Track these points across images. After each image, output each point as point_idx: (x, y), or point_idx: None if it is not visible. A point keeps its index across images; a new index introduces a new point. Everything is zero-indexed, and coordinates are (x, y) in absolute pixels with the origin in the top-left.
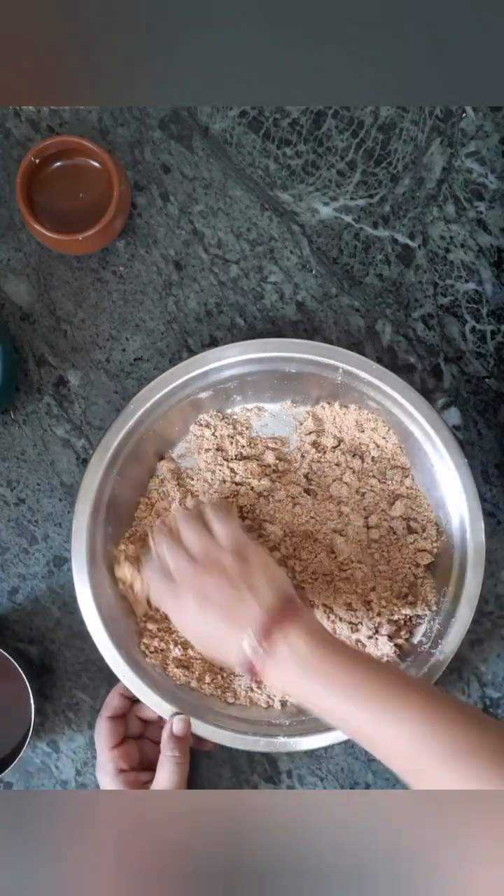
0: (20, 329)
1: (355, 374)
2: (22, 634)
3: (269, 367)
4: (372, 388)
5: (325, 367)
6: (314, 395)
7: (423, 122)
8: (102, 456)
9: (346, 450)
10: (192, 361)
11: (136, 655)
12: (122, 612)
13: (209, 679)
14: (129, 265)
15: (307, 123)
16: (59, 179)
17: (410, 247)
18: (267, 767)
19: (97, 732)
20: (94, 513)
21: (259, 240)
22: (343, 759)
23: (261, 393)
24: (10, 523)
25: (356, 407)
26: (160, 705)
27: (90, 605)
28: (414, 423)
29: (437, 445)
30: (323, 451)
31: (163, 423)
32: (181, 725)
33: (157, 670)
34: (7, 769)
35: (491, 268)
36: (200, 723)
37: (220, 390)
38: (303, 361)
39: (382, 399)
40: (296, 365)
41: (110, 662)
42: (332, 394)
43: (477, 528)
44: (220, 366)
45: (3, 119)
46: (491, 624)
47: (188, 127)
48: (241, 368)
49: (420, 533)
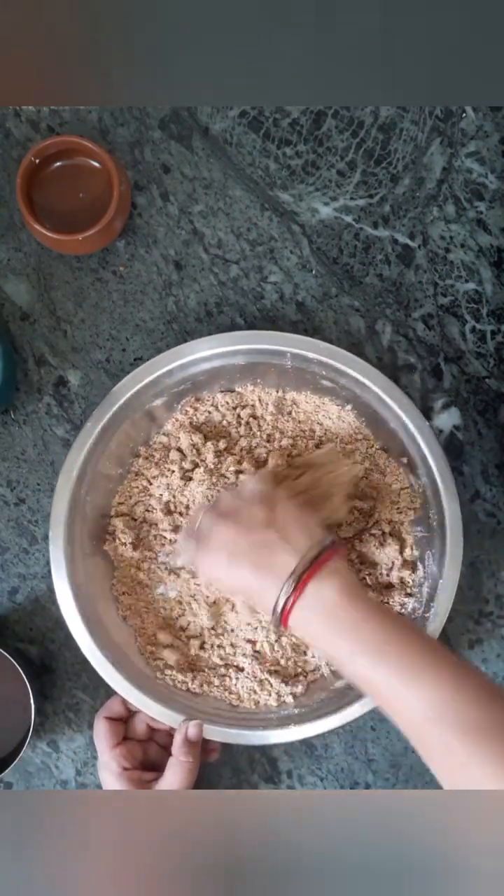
0: (20, 329)
1: (304, 357)
2: (22, 634)
3: (232, 361)
4: (324, 368)
5: (274, 353)
6: (273, 383)
7: (423, 122)
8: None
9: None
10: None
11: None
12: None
13: (210, 681)
14: (129, 265)
15: (307, 123)
16: (59, 179)
17: (410, 247)
18: (267, 767)
19: (96, 733)
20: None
21: (259, 240)
22: (343, 759)
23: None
24: (10, 523)
25: (309, 391)
26: (164, 715)
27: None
28: (368, 392)
29: (395, 411)
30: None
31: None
32: (195, 731)
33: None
34: (7, 769)
35: (491, 268)
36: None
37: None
38: (252, 352)
39: (336, 377)
40: (243, 357)
41: (102, 673)
42: (292, 381)
43: (449, 487)
44: (188, 362)
45: (3, 119)
46: (491, 624)
47: (188, 127)
48: (213, 363)
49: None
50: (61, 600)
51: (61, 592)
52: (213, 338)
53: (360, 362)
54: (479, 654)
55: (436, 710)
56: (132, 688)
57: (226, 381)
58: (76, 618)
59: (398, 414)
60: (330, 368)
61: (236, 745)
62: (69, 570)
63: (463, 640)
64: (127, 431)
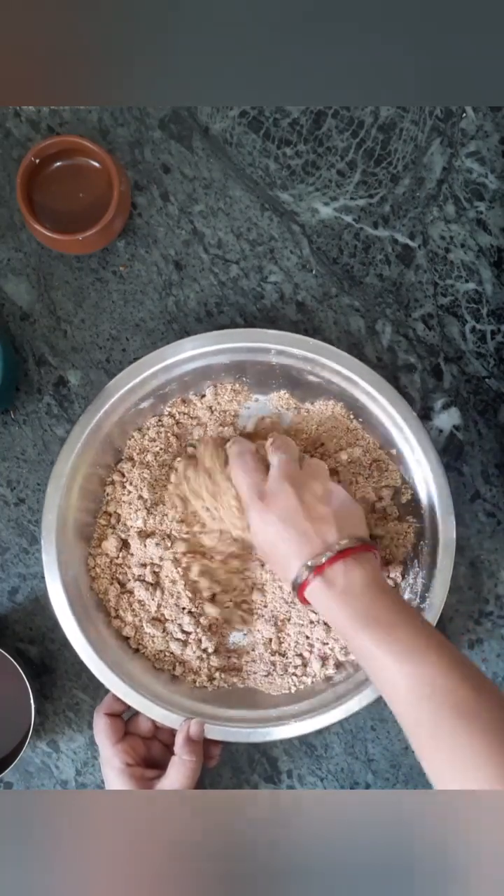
0: (20, 329)
1: (289, 353)
2: (22, 634)
3: (217, 360)
4: (309, 363)
5: (258, 351)
6: (260, 380)
7: (423, 122)
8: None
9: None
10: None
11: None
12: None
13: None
14: (129, 265)
15: (307, 123)
16: (59, 179)
17: (410, 247)
18: (267, 767)
19: (96, 729)
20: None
21: (259, 240)
22: (343, 759)
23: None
24: (10, 523)
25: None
26: (167, 718)
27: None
28: (355, 386)
29: (383, 405)
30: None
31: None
32: (197, 729)
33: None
34: (7, 769)
35: (491, 268)
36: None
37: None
38: (236, 350)
39: (321, 371)
40: (228, 356)
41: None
42: (278, 378)
43: (439, 477)
44: (177, 360)
45: (3, 119)
46: (491, 624)
47: (188, 127)
48: (197, 362)
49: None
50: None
51: (55, 595)
52: (195, 338)
53: (346, 356)
54: (479, 654)
55: (430, 688)
56: (131, 690)
57: (211, 380)
58: (71, 622)
59: (385, 406)
60: (316, 364)
61: (236, 744)
62: (61, 574)
63: (463, 640)
64: (113, 434)
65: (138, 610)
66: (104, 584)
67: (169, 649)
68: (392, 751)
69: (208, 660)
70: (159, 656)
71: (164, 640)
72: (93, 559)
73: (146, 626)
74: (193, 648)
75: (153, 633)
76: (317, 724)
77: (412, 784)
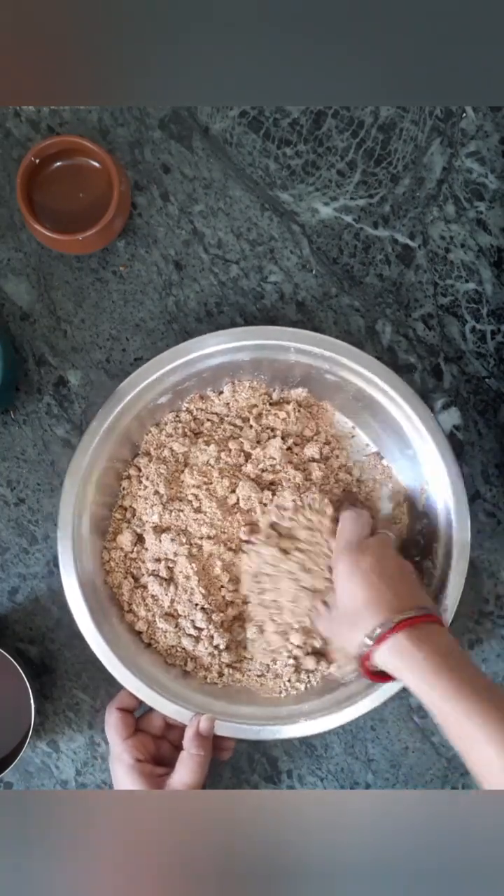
0: (20, 329)
1: (310, 352)
2: (22, 634)
3: (236, 357)
4: (327, 362)
5: (278, 349)
6: (279, 378)
7: (423, 122)
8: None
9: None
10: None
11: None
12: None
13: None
14: (129, 265)
15: (307, 123)
16: (59, 179)
17: (410, 247)
18: (267, 767)
19: (108, 723)
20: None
21: (259, 240)
22: (343, 759)
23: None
24: (10, 523)
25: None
26: (178, 713)
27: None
28: (374, 387)
29: (399, 403)
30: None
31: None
32: (207, 724)
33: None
34: (7, 769)
35: (491, 268)
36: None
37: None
38: (256, 348)
39: (339, 370)
40: (248, 353)
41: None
42: (299, 377)
43: (456, 479)
44: (198, 356)
45: (3, 119)
46: (491, 624)
47: (188, 127)
48: (217, 359)
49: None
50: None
51: (69, 588)
52: (216, 334)
53: (367, 357)
54: (479, 654)
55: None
56: (142, 685)
57: (230, 377)
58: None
59: (402, 406)
60: (335, 363)
61: (236, 744)
62: (76, 568)
63: (463, 640)
64: (131, 428)
65: (151, 605)
66: (118, 578)
67: (181, 644)
68: (392, 751)
69: (219, 656)
70: (171, 651)
71: (177, 636)
72: (107, 553)
73: (159, 620)
74: (205, 644)
75: (166, 628)
76: (328, 724)
77: (412, 784)
